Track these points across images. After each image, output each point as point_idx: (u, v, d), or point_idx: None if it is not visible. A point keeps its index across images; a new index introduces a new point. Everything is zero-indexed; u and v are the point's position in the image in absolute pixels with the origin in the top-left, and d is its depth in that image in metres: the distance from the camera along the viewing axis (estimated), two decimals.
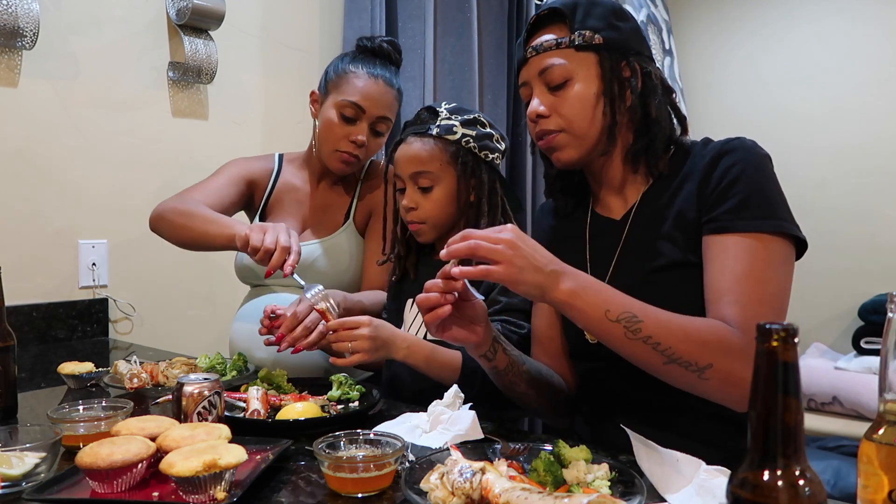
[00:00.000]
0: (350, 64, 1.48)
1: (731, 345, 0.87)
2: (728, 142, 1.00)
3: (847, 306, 3.15)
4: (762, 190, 0.94)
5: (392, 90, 1.48)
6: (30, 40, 1.66)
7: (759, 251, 0.91)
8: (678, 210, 1.00)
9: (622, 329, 0.87)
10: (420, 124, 1.29)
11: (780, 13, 3.44)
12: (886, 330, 0.58)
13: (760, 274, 0.90)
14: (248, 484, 0.75)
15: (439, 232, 1.31)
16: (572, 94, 1.02)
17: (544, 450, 0.83)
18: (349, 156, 1.46)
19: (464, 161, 1.26)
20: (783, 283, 0.92)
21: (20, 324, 1.69)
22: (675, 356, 0.86)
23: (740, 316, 0.89)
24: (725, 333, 0.88)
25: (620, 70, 1.03)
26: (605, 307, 0.87)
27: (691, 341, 0.86)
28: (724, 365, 0.86)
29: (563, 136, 1.04)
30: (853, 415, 2.61)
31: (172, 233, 1.43)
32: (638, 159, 1.06)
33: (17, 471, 0.77)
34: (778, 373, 0.49)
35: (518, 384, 1.07)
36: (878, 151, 3.15)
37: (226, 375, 1.28)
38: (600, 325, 0.88)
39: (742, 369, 0.85)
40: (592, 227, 1.13)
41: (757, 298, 0.89)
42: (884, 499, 0.56)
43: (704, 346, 0.86)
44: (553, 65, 1.02)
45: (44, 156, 1.77)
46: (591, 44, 1.01)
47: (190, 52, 1.95)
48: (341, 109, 1.45)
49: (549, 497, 0.63)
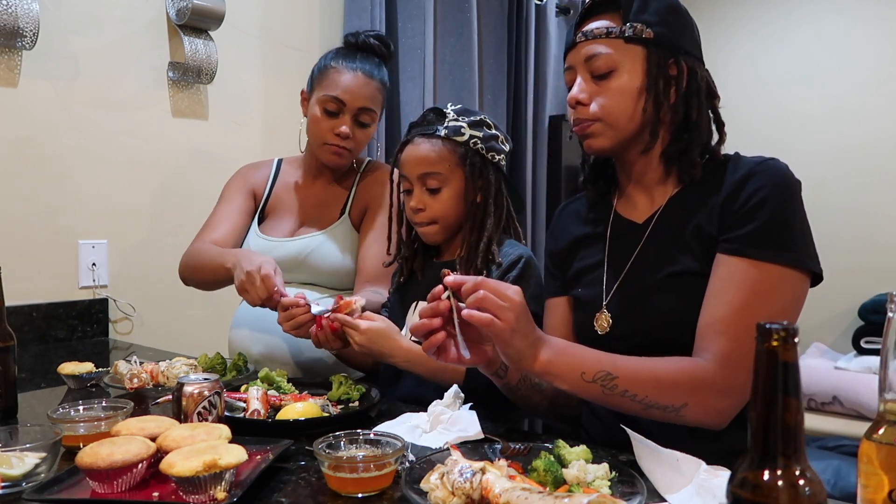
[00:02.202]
0: (332, 60, 1.51)
1: (702, 382, 0.90)
2: (761, 162, 0.98)
3: (847, 306, 3.15)
4: (784, 219, 0.93)
5: (373, 81, 1.50)
6: (30, 40, 1.66)
7: (765, 283, 0.91)
8: (700, 222, 0.99)
9: (599, 388, 0.89)
10: (427, 125, 1.29)
11: (780, 13, 3.44)
12: (886, 330, 0.58)
13: (760, 307, 0.90)
14: (248, 484, 0.75)
15: (447, 233, 1.31)
16: (615, 86, 1.01)
17: (544, 450, 0.83)
18: (338, 148, 1.49)
19: (472, 162, 1.27)
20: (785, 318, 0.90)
21: (20, 324, 1.69)
22: (651, 403, 0.90)
23: (725, 349, 0.90)
24: (695, 371, 0.90)
25: (667, 67, 1.01)
26: (580, 370, 0.89)
27: (664, 387, 0.90)
28: (697, 402, 0.90)
29: (598, 126, 1.02)
30: (853, 415, 2.61)
31: (197, 284, 1.54)
32: (672, 161, 1.04)
33: (17, 471, 0.77)
34: (778, 373, 0.49)
35: (532, 396, 1.07)
36: (878, 151, 3.15)
37: (226, 375, 1.28)
38: (579, 387, 0.90)
39: (716, 402, 0.90)
40: (614, 229, 1.11)
41: (747, 331, 0.87)
42: (884, 498, 0.56)
43: (677, 389, 0.90)
44: (599, 53, 1.00)
45: (44, 156, 1.77)
46: (640, 37, 0.99)
47: (190, 52, 1.95)
48: (324, 104, 1.48)
49: (549, 497, 0.63)
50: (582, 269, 1.14)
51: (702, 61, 1.06)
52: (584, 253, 1.15)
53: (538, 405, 1.09)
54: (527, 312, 0.88)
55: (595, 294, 1.09)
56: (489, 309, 0.85)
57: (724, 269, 0.94)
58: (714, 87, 1.06)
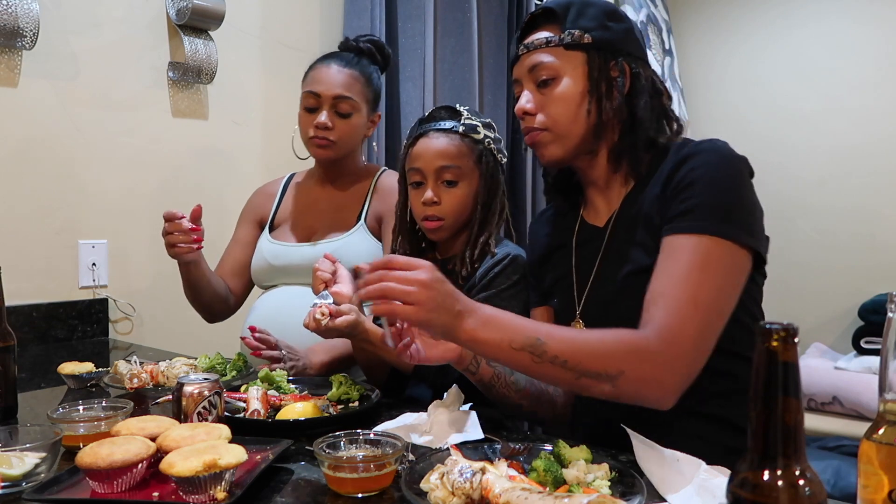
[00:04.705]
0: (312, 64, 1.57)
1: (640, 349, 0.87)
2: (698, 144, 0.99)
3: (847, 306, 3.14)
4: (720, 193, 0.92)
5: (347, 70, 1.52)
6: (30, 40, 1.66)
7: (700, 254, 0.90)
8: (646, 214, 1.00)
9: (528, 356, 0.86)
10: (440, 121, 1.29)
11: (780, 13, 3.44)
12: (886, 330, 0.58)
13: (698, 277, 0.89)
14: (247, 484, 0.75)
15: (453, 231, 1.30)
16: (558, 93, 1.03)
17: (544, 450, 0.83)
18: (319, 139, 1.51)
19: (486, 161, 1.28)
20: (722, 289, 0.90)
21: (20, 324, 1.69)
22: (584, 370, 0.86)
23: (665, 319, 0.88)
24: (634, 339, 0.89)
25: (609, 70, 1.03)
26: (509, 339, 0.86)
27: (598, 353, 0.87)
28: (634, 370, 0.86)
29: (546, 134, 1.05)
30: (853, 415, 2.61)
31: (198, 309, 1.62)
32: (620, 159, 1.06)
33: (17, 471, 0.77)
34: (778, 373, 0.49)
35: (509, 396, 1.07)
36: (878, 151, 3.15)
37: (226, 375, 1.28)
38: (507, 356, 0.87)
39: (654, 371, 0.86)
40: (579, 235, 1.13)
41: (688, 301, 0.88)
42: (884, 499, 0.56)
43: (613, 356, 0.87)
44: (541, 62, 1.03)
45: (44, 156, 1.77)
46: (580, 43, 1.02)
47: (190, 52, 1.95)
48: (304, 103, 1.53)
49: (549, 497, 0.63)
50: (555, 278, 1.16)
51: (645, 62, 1.07)
52: (555, 262, 1.17)
53: (518, 405, 1.09)
54: (443, 285, 0.85)
55: (568, 303, 1.11)
56: (395, 296, 0.83)
57: (666, 249, 0.94)
58: (660, 86, 1.07)
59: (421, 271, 0.85)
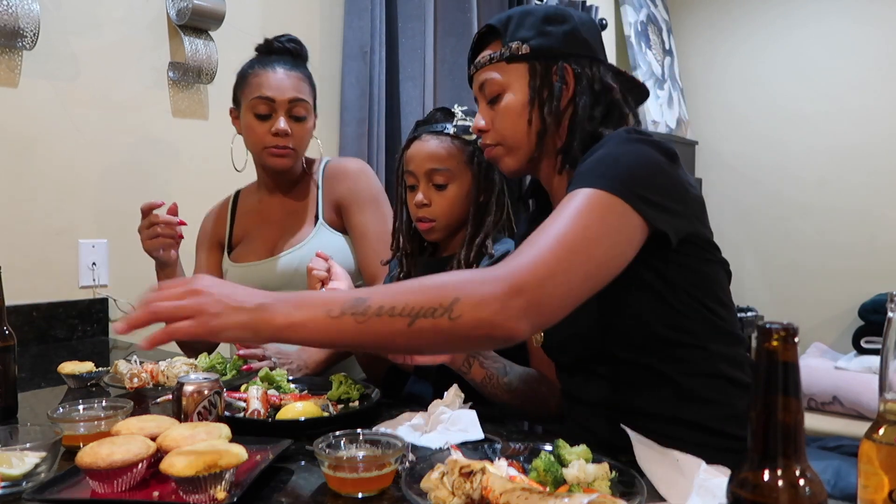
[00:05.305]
0: (249, 68, 1.51)
1: (480, 274, 0.78)
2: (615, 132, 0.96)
3: (847, 306, 3.15)
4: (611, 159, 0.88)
5: (294, 73, 1.49)
6: (30, 41, 1.66)
7: (575, 203, 0.84)
8: None
9: (350, 319, 0.75)
10: (435, 123, 1.30)
11: (780, 13, 3.44)
12: (886, 330, 0.58)
13: (566, 220, 0.82)
14: (247, 484, 0.75)
15: (448, 231, 1.31)
16: (502, 107, 1.03)
17: (544, 450, 0.83)
18: (278, 148, 1.46)
19: (479, 161, 1.28)
20: (596, 235, 0.82)
21: (20, 324, 1.69)
22: (415, 310, 0.74)
23: (517, 254, 0.80)
24: (470, 271, 0.86)
25: (550, 76, 1.02)
26: (326, 309, 0.75)
27: (428, 288, 0.77)
28: (471, 293, 0.75)
29: (499, 149, 1.05)
30: (853, 415, 2.61)
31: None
32: (563, 162, 1.05)
33: (17, 471, 0.77)
34: (778, 373, 0.49)
35: (500, 395, 1.09)
36: (878, 151, 3.15)
37: (226, 375, 1.28)
38: (328, 329, 0.75)
39: (494, 289, 0.75)
40: None
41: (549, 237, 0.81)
42: (884, 499, 0.56)
43: (445, 287, 0.77)
44: (488, 79, 1.04)
45: (44, 156, 1.77)
46: (518, 54, 1.02)
47: (190, 53, 1.95)
48: (254, 109, 1.46)
49: (549, 497, 0.63)
50: None
51: (594, 59, 1.04)
52: None
53: (510, 404, 1.10)
54: (222, 287, 0.77)
55: None
56: (166, 316, 0.75)
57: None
58: (608, 81, 1.04)
59: (190, 283, 0.77)
